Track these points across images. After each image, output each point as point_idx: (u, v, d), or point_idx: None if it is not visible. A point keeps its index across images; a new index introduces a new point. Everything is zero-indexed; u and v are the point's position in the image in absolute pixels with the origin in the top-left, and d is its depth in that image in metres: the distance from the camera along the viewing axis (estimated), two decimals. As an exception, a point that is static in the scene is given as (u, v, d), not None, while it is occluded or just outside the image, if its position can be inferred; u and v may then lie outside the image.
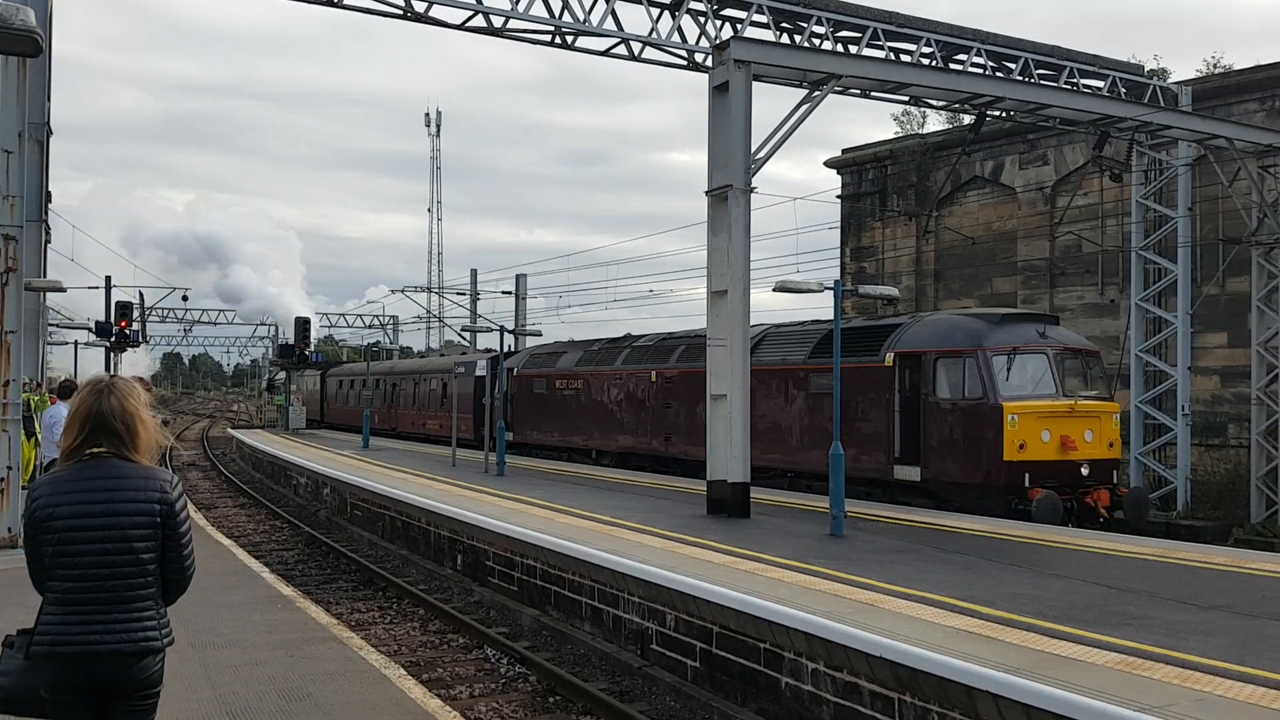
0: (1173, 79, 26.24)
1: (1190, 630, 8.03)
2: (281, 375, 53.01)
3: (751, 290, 15.90)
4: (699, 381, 19.63)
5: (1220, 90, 26.04)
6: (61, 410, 13.87)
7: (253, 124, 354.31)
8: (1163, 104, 22.25)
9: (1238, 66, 27.68)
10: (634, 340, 27.66)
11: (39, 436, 15.13)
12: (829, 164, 37.58)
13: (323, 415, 53.12)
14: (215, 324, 67.40)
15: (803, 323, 22.44)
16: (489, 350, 38.25)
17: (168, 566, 3.87)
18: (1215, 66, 29.68)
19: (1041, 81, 20.62)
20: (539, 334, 31.57)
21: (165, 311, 59.20)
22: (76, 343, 45.94)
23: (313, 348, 48.99)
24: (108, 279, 39.56)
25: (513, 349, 39.68)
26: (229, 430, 58.44)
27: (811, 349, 20.05)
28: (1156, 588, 9.81)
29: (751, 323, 16.53)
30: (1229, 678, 6.65)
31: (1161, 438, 24.14)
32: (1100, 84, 21.88)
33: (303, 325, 47.32)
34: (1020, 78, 20.18)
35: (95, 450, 3.83)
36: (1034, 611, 8.70)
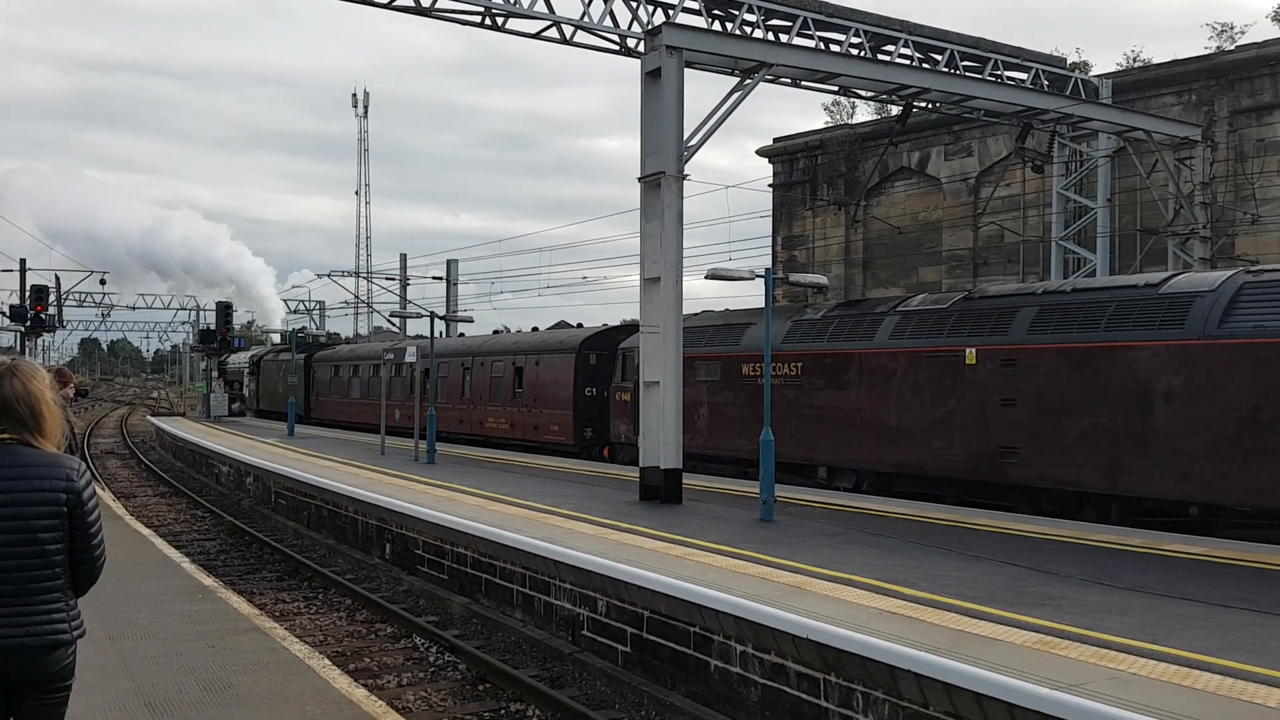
0: (1094, 72, 26.89)
1: (1106, 610, 8.25)
2: (239, 358, 49.85)
3: (685, 277, 15.95)
4: (1076, 367, 14.39)
5: (1139, 84, 26.75)
6: None
7: (168, 103, 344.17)
8: (1084, 97, 22.77)
9: (1156, 61, 28.46)
10: (902, 304, 18.10)
11: None
12: (761, 153, 37.82)
13: (308, 411, 42.00)
14: (134, 309, 65.69)
15: None
16: (547, 327, 32.13)
17: (77, 557, 3.73)
18: (1134, 61, 30.50)
19: (967, 73, 20.96)
20: (471, 320, 31.32)
21: (83, 295, 57.06)
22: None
23: (235, 333, 48.01)
24: (22, 261, 38.42)
25: (445, 334, 38.91)
26: (149, 418, 57.03)
27: None
28: (1075, 569, 10.07)
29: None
30: (1142, 656, 6.84)
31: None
32: (1024, 76, 22.31)
33: (224, 310, 46.42)
34: (946, 69, 20.48)
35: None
36: (955, 592, 8.87)
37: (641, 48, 16.67)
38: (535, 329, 33.93)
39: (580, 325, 30.34)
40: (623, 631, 10.04)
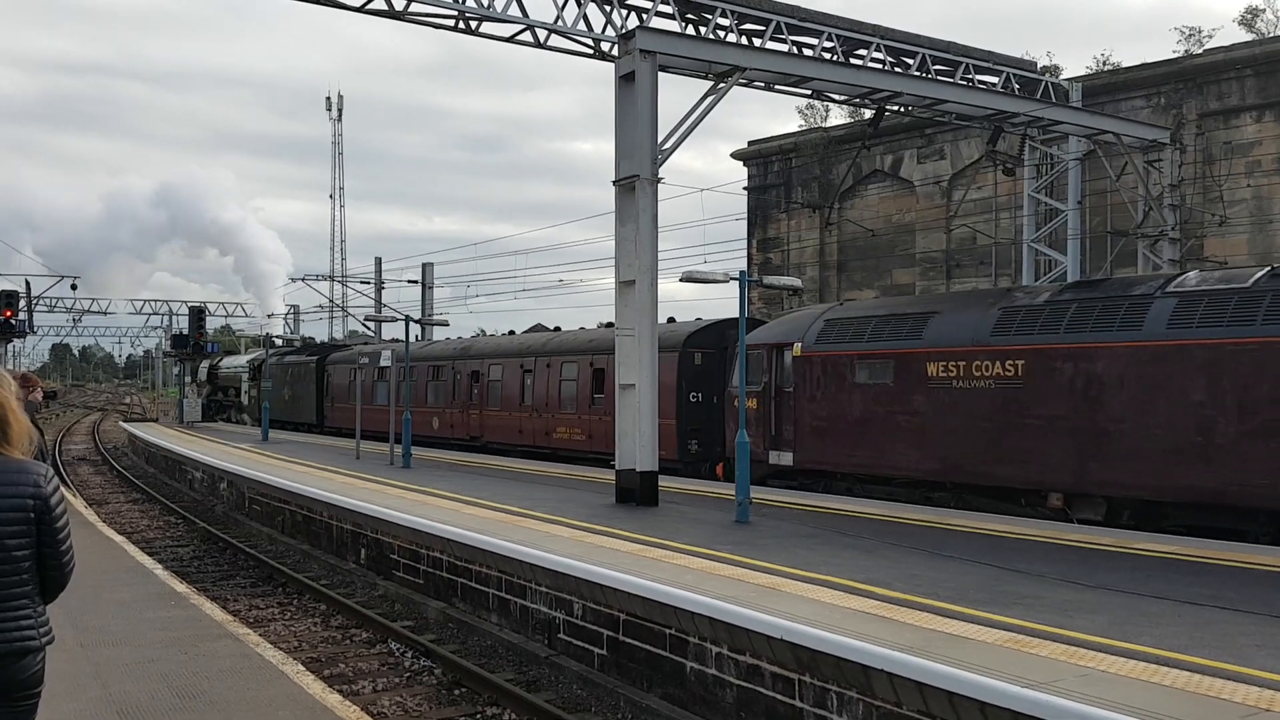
0: (1064, 76, 27.12)
1: (1077, 609, 8.33)
2: (235, 361, 48.42)
3: (660, 280, 15.98)
4: None
5: (1109, 87, 27.01)
6: None
7: (136, 105, 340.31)
8: (1054, 100, 22.97)
9: (1125, 64, 28.75)
10: (1173, 284, 14.52)
11: None
12: (735, 156, 37.93)
13: (321, 419, 39.85)
14: (106, 314, 65.07)
15: None
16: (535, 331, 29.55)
17: (45, 563, 3.72)
18: (1104, 64, 30.74)
19: (938, 77, 21.10)
20: (446, 323, 31.19)
21: (54, 300, 56.04)
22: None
23: (209, 337, 47.69)
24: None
25: (420, 338, 38.73)
26: (121, 423, 56.47)
27: None
28: (1046, 569, 10.16)
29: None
30: (1112, 653, 6.92)
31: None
32: (994, 80, 22.48)
33: (197, 315, 46.14)
34: (918, 73, 20.62)
35: None
36: (929, 592, 8.93)
37: (615, 51, 16.69)
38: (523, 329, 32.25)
39: (559, 327, 29.95)
40: (599, 634, 10.04)
